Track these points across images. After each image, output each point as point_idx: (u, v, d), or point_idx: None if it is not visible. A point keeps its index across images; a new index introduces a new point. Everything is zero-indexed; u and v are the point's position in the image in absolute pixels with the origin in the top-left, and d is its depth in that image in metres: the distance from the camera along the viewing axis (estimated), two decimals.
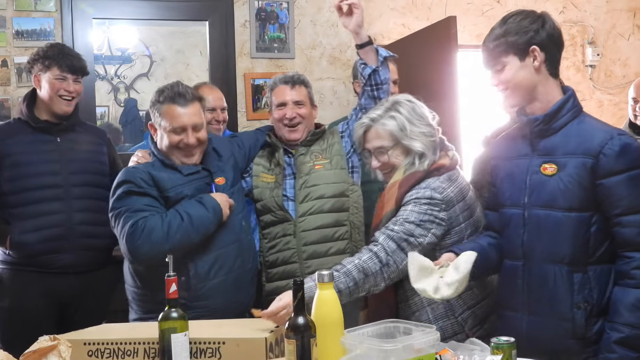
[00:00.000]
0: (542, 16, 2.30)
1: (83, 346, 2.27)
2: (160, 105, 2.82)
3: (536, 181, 2.27)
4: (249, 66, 4.86)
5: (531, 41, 2.24)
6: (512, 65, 2.26)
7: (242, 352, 2.14)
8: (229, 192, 2.89)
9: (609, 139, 2.15)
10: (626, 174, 2.13)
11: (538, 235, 2.27)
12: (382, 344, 1.95)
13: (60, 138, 3.30)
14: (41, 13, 4.44)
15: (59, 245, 3.19)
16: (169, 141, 2.81)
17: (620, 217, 2.14)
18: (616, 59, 5.73)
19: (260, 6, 4.87)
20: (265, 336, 2.13)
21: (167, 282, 2.13)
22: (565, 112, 2.26)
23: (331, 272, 2.14)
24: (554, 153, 2.25)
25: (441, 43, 4.21)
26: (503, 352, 2.01)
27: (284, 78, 3.14)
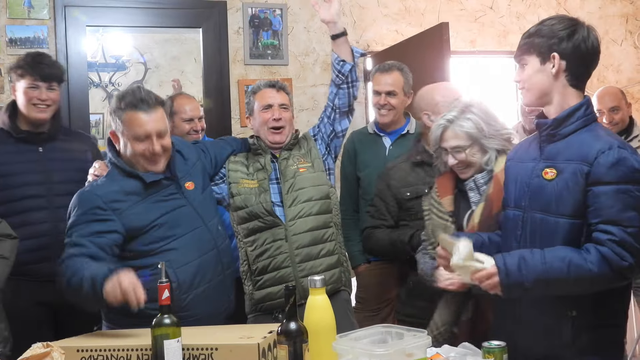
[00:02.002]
0: (575, 26, 2.26)
1: (76, 353, 2.26)
2: (121, 112, 2.66)
3: (537, 185, 2.28)
4: (243, 73, 4.87)
5: (553, 47, 2.23)
6: (532, 65, 2.27)
7: (235, 357, 2.14)
8: (200, 197, 2.82)
9: (607, 149, 2.13)
10: (615, 186, 2.11)
11: (532, 239, 2.27)
12: (373, 348, 1.95)
13: (43, 148, 3.28)
14: (35, 21, 4.45)
15: (45, 254, 3.18)
16: (133, 150, 2.68)
17: (599, 225, 2.12)
18: (609, 64, 5.75)
19: (253, 13, 4.88)
20: (258, 342, 2.13)
21: (160, 288, 2.13)
22: (575, 120, 2.23)
23: (323, 278, 2.15)
24: (556, 158, 2.24)
25: (434, 49, 4.23)
26: (494, 357, 2.02)
27: (268, 82, 3.15)
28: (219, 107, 4.78)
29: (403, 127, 3.81)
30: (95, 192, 2.67)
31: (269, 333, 2.21)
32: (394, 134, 3.81)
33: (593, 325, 2.19)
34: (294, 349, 2.00)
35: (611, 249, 2.07)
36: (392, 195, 3.05)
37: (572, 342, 2.19)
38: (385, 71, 3.81)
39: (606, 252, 2.07)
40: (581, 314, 2.18)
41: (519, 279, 2.12)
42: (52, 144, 3.32)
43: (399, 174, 3.06)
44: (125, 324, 2.57)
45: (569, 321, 2.19)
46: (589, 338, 2.18)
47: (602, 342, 2.20)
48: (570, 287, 2.13)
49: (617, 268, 2.07)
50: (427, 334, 2.05)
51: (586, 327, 2.19)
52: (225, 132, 4.70)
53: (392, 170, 3.10)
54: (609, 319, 2.22)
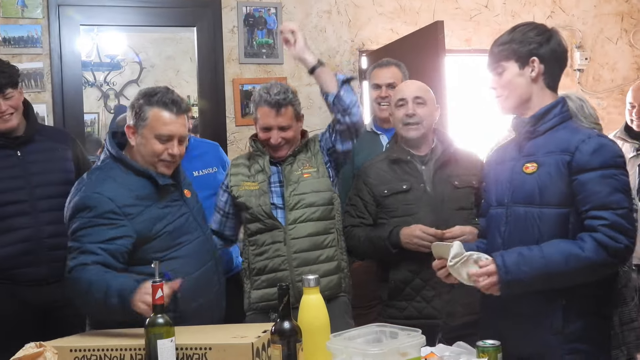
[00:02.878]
0: (549, 31, 2.39)
1: (69, 353, 2.25)
2: (148, 108, 2.62)
3: (518, 180, 2.34)
4: (238, 72, 4.86)
5: (533, 52, 2.33)
6: (511, 71, 2.35)
7: (229, 357, 2.14)
8: (196, 205, 2.80)
9: (587, 138, 2.23)
10: (599, 172, 2.18)
11: (517, 232, 2.32)
12: (367, 348, 1.95)
13: (21, 151, 3.24)
14: (28, 20, 4.43)
15: (29, 259, 3.16)
16: (152, 149, 2.63)
17: (590, 211, 2.18)
18: (604, 63, 5.75)
19: (248, 12, 4.86)
20: (252, 341, 2.13)
21: (153, 288, 2.12)
22: (552, 117, 2.32)
23: (317, 277, 2.14)
24: (536, 153, 2.32)
25: (429, 48, 4.22)
26: (489, 356, 2.02)
27: (269, 100, 2.98)
28: (213, 106, 4.77)
29: None
30: (106, 194, 2.55)
31: (263, 332, 2.21)
32: (391, 132, 3.79)
33: (582, 314, 2.24)
34: (287, 349, 1.99)
35: (605, 233, 2.14)
36: (369, 193, 3.04)
37: (561, 330, 2.23)
38: (384, 66, 3.88)
39: (601, 238, 2.14)
40: (571, 303, 2.23)
41: (518, 275, 2.16)
42: (31, 146, 3.27)
43: (376, 172, 3.06)
44: (102, 325, 2.57)
45: (559, 309, 2.23)
46: (577, 327, 2.23)
47: (590, 332, 2.25)
48: (570, 278, 2.18)
49: (613, 251, 2.13)
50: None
51: (575, 316, 2.23)
52: (220, 131, 4.69)
53: (369, 169, 3.10)
54: (598, 309, 2.27)
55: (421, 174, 2.99)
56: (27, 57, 4.43)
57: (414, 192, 2.97)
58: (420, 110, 2.98)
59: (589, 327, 2.24)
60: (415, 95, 3.00)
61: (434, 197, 2.95)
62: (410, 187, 2.97)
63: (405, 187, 2.97)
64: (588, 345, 2.24)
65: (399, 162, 3.02)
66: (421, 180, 2.98)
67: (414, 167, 3.00)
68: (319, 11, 5.05)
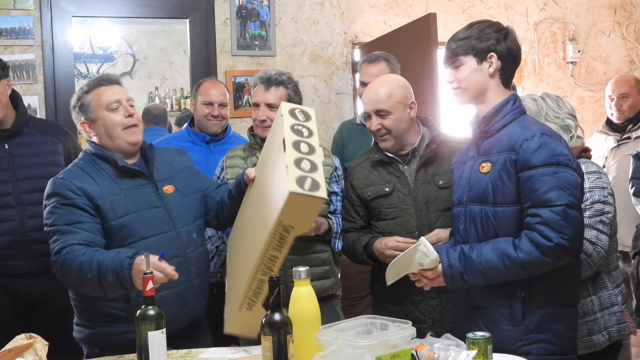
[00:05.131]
0: (506, 29, 2.44)
1: None
2: (85, 95, 2.68)
3: (474, 179, 2.40)
4: (230, 64, 4.86)
5: (491, 48, 2.38)
6: (469, 66, 2.40)
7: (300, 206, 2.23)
8: (179, 201, 2.71)
9: (531, 136, 2.27)
10: (539, 169, 2.22)
11: (474, 230, 2.39)
12: (357, 339, 1.95)
13: (9, 144, 3.22)
14: (20, 11, 4.41)
15: (13, 252, 3.15)
16: (112, 121, 2.64)
17: (529, 209, 2.24)
18: (597, 55, 5.77)
19: (240, 4, 4.86)
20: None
21: (144, 279, 2.12)
22: (504, 115, 2.38)
23: (307, 269, 2.14)
24: (490, 152, 2.37)
25: (422, 40, 4.23)
26: (479, 347, 2.03)
27: (262, 77, 3.05)
28: None
29: None
30: (68, 179, 2.59)
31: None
32: None
33: (542, 304, 2.28)
34: (278, 340, 2.00)
35: (539, 232, 2.20)
36: (356, 196, 2.97)
37: (521, 322, 2.29)
38: (372, 62, 3.80)
39: (534, 237, 2.20)
40: (529, 294, 2.28)
41: (458, 270, 2.29)
42: (19, 139, 3.24)
43: (361, 173, 2.95)
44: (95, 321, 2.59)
45: (518, 302, 2.29)
46: (537, 317, 2.28)
47: (551, 321, 2.29)
48: (505, 276, 2.26)
49: (545, 250, 2.19)
50: None
51: (535, 307, 2.28)
52: None
53: (354, 170, 3.00)
54: (559, 299, 2.31)
55: (404, 174, 2.88)
56: (19, 48, 4.42)
57: (396, 194, 2.86)
58: (386, 122, 2.82)
59: (550, 317, 2.29)
60: (375, 109, 2.83)
61: (418, 199, 2.83)
62: (392, 189, 2.87)
63: (388, 190, 2.87)
64: (550, 335, 2.28)
65: (382, 163, 2.92)
66: (405, 182, 2.86)
67: (397, 167, 2.89)
68: (312, 3, 5.04)
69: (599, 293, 2.68)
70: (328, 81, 5.06)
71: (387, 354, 1.93)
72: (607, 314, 2.67)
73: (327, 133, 4.94)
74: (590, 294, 2.67)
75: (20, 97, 3.36)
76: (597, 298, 2.67)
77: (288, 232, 2.27)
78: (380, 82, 2.92)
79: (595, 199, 2.63)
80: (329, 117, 5.06)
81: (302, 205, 2.23)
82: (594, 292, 2.68)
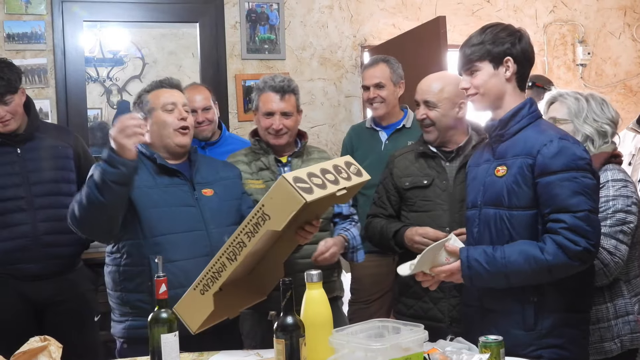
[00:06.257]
0: (519, 32, 2.42)
1: None
2: (146, 94, 2.80)
3: (489, 182, 2.39)
4: (240, 67, 4.87)
5: (506, 52, 2.36)
6: (485, 71, 2.39)
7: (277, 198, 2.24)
8: (216, 205, 2.76)
9: (549, 141, 2.26)
10: (559, 175, 2.22)
11: (488, 233, 2.38)
12: (370, 343, 1.96)
13: (21, 149, 3.25)
14: (32, 16, 4.44)
15: (25, 255, 3.18)
16: (165, 121, 2.73)
17: (551, 214, 2.23)
18: (607, 57, 5.75)
19: (250, 7, 4.87)
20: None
21: (157, 282, 2.14)
22: (520, 119, 2.37)
23: (320, 272, 2.15)
24: (506, 156, 2.37)
25: (431, 43, 4.23)
26: (491, 351, 2.02)
27: (273, 85, 3.01)
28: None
29: (399, 122, 3.81)
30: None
31: None
32: (389, 128, 3.82)
33: (555, 309, 2.28)
34: (290, 343, 2.01)
35: (565, 236, 2.19)
36: (393, 184, 3.01)
37: (533, 327, 2.29)
38: (370, 65, 3.85)
39: (560, 241, 2.19)
40: (542, 300, 2.28)
41: (479, 271, 2.27)
42: (31, 144, 3.28)
43: (403, 163, 3.01)
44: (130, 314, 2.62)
45: (531, 307, 2.29)
46: (550, 322, 2.28)
47: (564, 327, 2.29)
48: (530, 279, 2.25)
49: (572, 254, 2.18)
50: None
51: (548, 312, 2.28)
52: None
53: (397, 159, 3.05)
54: (572, 304, 2.31)
55: (445, 170, 2.92)
56: (30, 53, 4.45)
57: (433, 188, 2.91)
58: (431, 113, 2.89)
59: (563, 322, 2.28)
60: (424, 99, 2.92)
61: (454, 196, 2.87)
62: (430, 182, 2.91)
63: (426, 182, 2.92)
64: (562, 340, 2.28)
65: (425, 156, 2.97)
66: (444, 178, 2.91)
67: (439, 162, 2.93)
68: (321, 6, 5.05)
69: (615, 301, 2.63)
70: (337, 84, 5.07)
71: (399, 357, 1.94)
72: (621, 322, 2.63)
73: (336, 136, 4.95)
74: (606, 301, 2.63)
75: (33, 102, 3.39)
76: (612, 305, 2.62)
77: (263, 220, 2.25)
78: (437, 75, 3.05)
79: (618, 208, 2.57)
80: (338, 120, 5.07)
81: (284, 197, 2.22)
82: (610, 299, 2.62)
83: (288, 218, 2.23)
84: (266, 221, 2.25)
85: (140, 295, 2.58)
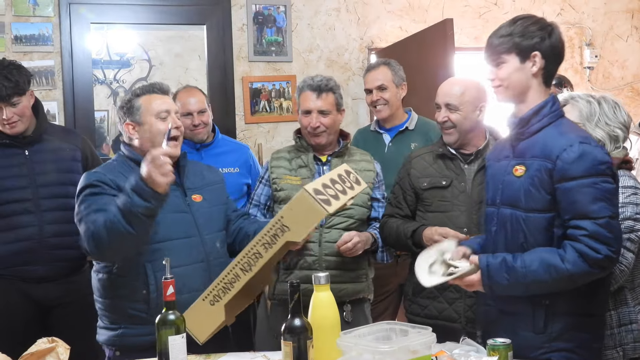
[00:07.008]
0: (551, 26, 2.36)
1: None
2: (137, 98, 2.71)
3: (508, 182, 2.36)
4: (247, 70, 4.88)
5: (535, 46, 2.30)
6: (511, 64, 2.32)
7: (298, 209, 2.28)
8: (206, 210, 2.75)
9: (569, 146, 2.21)
10: (580, 181, 2.17)
11: (504, 233, 2.35)
12: (377, 345, 1.96)
13: (29, 151, 3.26)
14: (40, 18, 4.45)
15: (31, 257, 3.19)
16: (158, 128, 2.67)
17: (571, 221, 2.19)
18: (614, 60, 5.74)
19: (257, 10, 4.88)
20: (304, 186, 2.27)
21: (165, 284, 2.14)
22: (541, 117, 2.31)
23: (327, 275, 2.15)
24: (525, 155, 2.33)
25: (438, 45, 4.23)
26: (499, 354, 2.02)
27: (311, 84, 3.07)
28: (223, 104, 4.78)
29: (402, 124, 3.81)
30: (101, 171, 2.66)
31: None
32: (393, 131, 3.82)
33: (566, 313, 2.25)
34: (298, 346, 2.01)
35: (585, 244, 2.15)
36: (410, 184, 3.02)
37: (543, 330, 2.26)
38: (372, 69, 3.88)
39: (581, 248, 2.15)
40: (553, 303, 2.25)
41: (499, 281, 2.24)
42: (38, 146, 3.29)
43: (421, 163, 3.02)
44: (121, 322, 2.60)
45: (542, 309, 2.26)
46: (561, 326, 2.25)
47: (574, 331, 2.26)
48: (551, 287, 2.22)
49: (593, 262, 2.15)
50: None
51: (559, 316, 2.25)
52: (230, 129, 4.70)
53: (414, 160, 3.06)
54: (584, 309, 2.27)
55: (463, 172, 2.94)
56: (38, 55, 4.46)
57: (452, 189, 2.93)
58: (452, 116, 2.90)
59: (573, 326, 2.25)
60: (446, 102, 2.92)
61: (472, 198, 2.89)
62: (449, 184, 2.93)
63: (445, 183, 2.93)
64: (572, 344, 2.25)
65: (444, 157, 2.99)
66: (462, 179, 2.93)
67: (458, 164, 2.96)
68: (328, 9, 5.05)
69: (619, 309, 2.60)
70: (344, 87, 5.06)
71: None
72: (624, 331, 2.60)
73: None
74: (609, 309, 2.59)
75: (41, 104, 3.40)
76: (616, 314, 2.59)
77: (282, 231, 2.28)
78: (458, 79, 3.12)
79: (626, 215, 2.53)
80: (344, 122, 5.01)
81: (306, 209, 2.25)
82: (614, 307, 2.59)
83: (309, 229, 2.28)
84: (285, 232, 2.27)
85: (135, 303, 2.56)
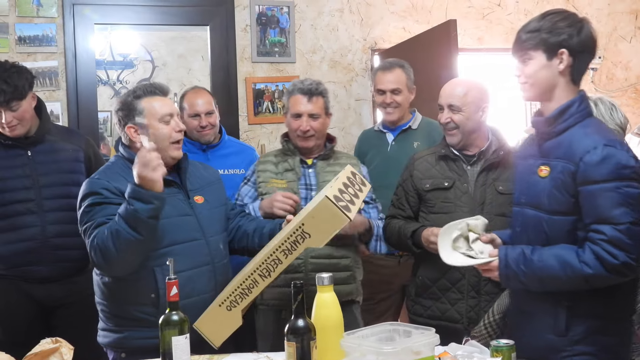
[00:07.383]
0: (581, 22, 2.28)
1: None
2: (138, 101, 2.67)
3: (533, 182, 2.32)
4: (250, 70, 4.88)
5: (562, 44, 2.24)
6: (538, 61, 2.27)
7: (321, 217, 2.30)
8: (208, 212, 2.74)
9: (592, 148, 2.15)
10: (602, 185, 2.13)
11: (526, 234, 2.34)
12: (381, 346, 1.96)
13: (32, 151, 3.27)
14: (43, 19, 4.46)
15: (34, 258, 3.21)
16: (163, 133, 2.65)
17: (592, 225, 2.16)
18: (618, 61, 5.73)
19: (260, 11, 4.88)
20: (326, 195, 2.28)
21: (168, 285, 2.15)
22: (568, 117, 2.25)
23: (331, 275, 2.15)
24: (550, 155, 2.28)
25: (442, 46, 4.22)
26: (502, 355, 2.03)
27: (302, 88, 3.09)
28: (226, 104, 4.77)
29: (406, 123, 3.83)
30: (104, 179, 2.62)
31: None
32: (396, 130, 3.83)
33: (588, 316, 2.22)
34: (301, 346, 2.01)
35: (603, 248, 2.12)
36: (413, 186, 3.03)
37: (564, 332, 2.23)
38: (387, 69, 3.83)
39: (599, 252, 2.12)
40: (576, 305, 2.22)
41: (516, 272, 2.23)
42: (41, 147, 3.30)
43: (423, 165, 3.04)
44: (123, 324, 2.60)
45: (563, 311, 2.23)
46: (582, 329, 2.22)
47: (597, 334, 2.22)
48: (564, 285, 2.19)
49: (610, 267, 2.11)
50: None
51: (580, 319, 2.22)
52: (233, 130, 4.69)
53: (417, 161, 3.08)
54: (605, 311, 2.24)
55: (466, 173, 2.96)
56: (42, 55, 4.46)
57: (454, 190, 2.94)
58: (455, 117, 2.92)
59: (597, 329, 2.22)
60: (449, 103, 2.94)
61: (475, 199, 2.91)
62: (451, 185, 2.95)
63: (447, 185, 2.95)
64: (594, 348, 2.21)
65: (446, 158, 3.00)
66: (465, 181, 2.95)
67: (460, 166, 2.98)
68: (331, 10, 5.05)
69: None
70: (347, 87, 5.06)
71: None
72: None
73: (345, 140, 4.95)
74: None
75: (44, 105, 3.41)
76: (636, 315, 2.52)
77: (303, 239, 2.30)
78: (461, 80, 3.14)
79: None
80: (348, 123, 5.07)
81: (328, 216, 2.27)
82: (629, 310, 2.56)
83: (331, 236, 2.28)
84: (306, 239, 2.30)
85: (142, 307, 2.56)
